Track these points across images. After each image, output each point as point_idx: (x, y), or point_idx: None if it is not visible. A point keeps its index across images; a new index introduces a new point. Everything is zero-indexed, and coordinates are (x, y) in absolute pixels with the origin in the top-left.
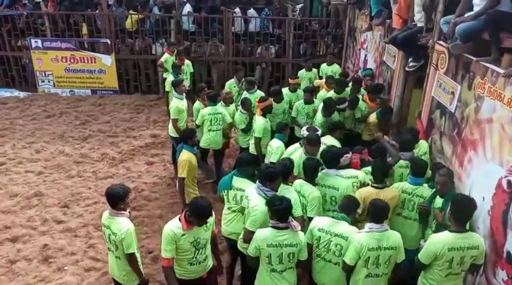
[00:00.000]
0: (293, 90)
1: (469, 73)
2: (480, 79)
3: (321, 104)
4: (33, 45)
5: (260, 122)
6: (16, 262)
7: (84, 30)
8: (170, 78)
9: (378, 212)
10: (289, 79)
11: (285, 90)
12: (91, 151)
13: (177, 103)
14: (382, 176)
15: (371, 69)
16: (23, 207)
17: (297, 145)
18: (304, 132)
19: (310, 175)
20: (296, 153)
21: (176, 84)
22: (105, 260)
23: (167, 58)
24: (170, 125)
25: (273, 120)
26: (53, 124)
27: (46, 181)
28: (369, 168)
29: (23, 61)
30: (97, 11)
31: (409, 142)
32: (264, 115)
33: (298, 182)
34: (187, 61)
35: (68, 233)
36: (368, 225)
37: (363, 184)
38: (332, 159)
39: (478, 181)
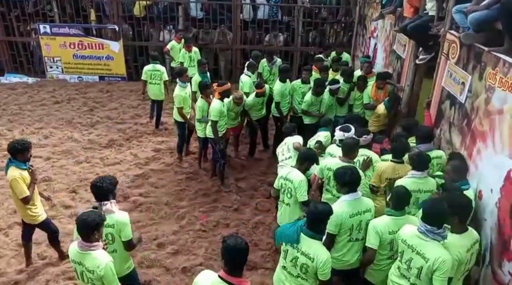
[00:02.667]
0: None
1: (480, 63)
2: (492, 69)
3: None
4: (42, 30)
5: (216, 105)
6: None
7: (92, 16)
8: (196, 77)
9: (421, 161)
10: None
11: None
12: (99, 138)
13: (181, 92)
14: (401, 154)
15: (368, 56)
16: None
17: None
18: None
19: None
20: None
21: (181, 73)
22: None
23: (173, 45)
24: (175, 110)
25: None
26: (61, 110)
27: (54, 167)
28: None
29: (32, 46)
30: None
31: (428, 133)
32: (221, 99)
33: None
34: (194, 49)
35: (76, 218)
36: (411, 172)
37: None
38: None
39: (487, 172)
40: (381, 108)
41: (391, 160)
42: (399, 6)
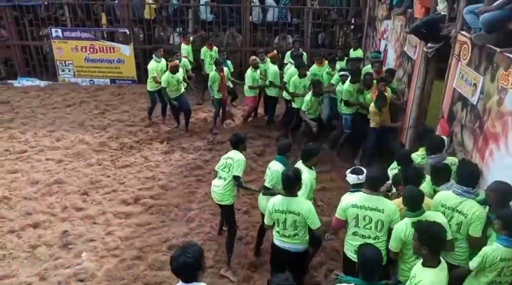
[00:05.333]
0: (274, 62)
1: (492, 65)
2: (504, 70)
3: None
4: (54, 34)
5: (164, 75)
6: (37, 247)
7: (104, 19)
8: (212, 73)
9: (441, 172)
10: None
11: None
12: (110, 140)
13: (154, 65)
14: (416, 183)
15: (379, 51)
16: (44, 194)
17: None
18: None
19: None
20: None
21: (155, 49)
22: (123, 247)
23: (183, 49)
24: (148, 82)
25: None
26: (73, 113)
27: (66, 169)
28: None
29: (44, 50)
30: (116, 1)
31: (437, 144)
32: (172, 72)
33: None
34: (215, 48)
35: (87, 220)
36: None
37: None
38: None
39: (499, 174)
40: (371, 106)
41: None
42: (410, 7)
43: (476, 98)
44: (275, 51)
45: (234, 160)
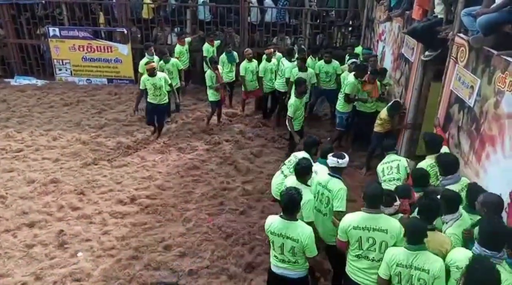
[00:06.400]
0: (269, 59)
1: (489, 67)
2: (501, 73)
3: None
4: (51, 33)
5: (142, 77)
6: (33, 246)
7: (101, 19)
8: (208, 71)
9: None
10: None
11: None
12: (107, 140)
13: (145, 61)
14: (432, 216)
15: (369, 48)
16: (40, 193)
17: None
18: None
19: None
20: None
21: (146, 48)
22: (120, 247)
23: (176, 49)
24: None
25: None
26: (70, 112)
27: (63, 168)
28: None
29: (42, 49)
30: (114, 0)
31: (453, 162)
32: (149, 75)
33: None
34: (216, 42)
35: (83, 219)
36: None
37: None
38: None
39: (496, 177)
40: (383, 113)
41: None
42: (408, 9)
43: (473, 100)
44: (271, 49)
45: (332, 192)
